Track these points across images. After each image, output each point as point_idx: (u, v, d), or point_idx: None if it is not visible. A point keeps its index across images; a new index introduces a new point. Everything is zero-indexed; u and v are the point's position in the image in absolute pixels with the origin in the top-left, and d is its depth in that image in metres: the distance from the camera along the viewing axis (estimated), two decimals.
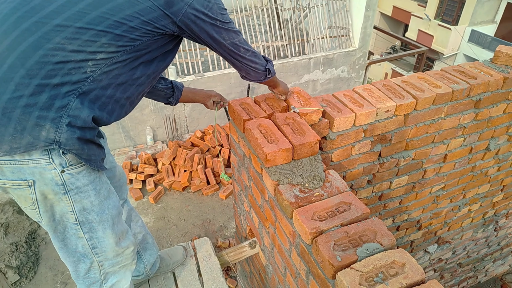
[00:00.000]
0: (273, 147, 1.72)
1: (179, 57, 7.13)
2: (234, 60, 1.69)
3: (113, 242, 1.67)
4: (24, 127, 1.26)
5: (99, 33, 1.31)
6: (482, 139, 2.78)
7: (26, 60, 1.25)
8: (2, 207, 6.33)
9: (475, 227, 3.78)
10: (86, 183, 1.48)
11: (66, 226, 1.55)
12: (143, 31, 1.39)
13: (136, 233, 2.13)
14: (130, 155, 7.26)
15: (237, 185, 2.54)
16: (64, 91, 1.30)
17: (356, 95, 2.25)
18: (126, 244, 1.76)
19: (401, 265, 1.34)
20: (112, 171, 1.92)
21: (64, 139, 1.32)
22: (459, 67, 2.54)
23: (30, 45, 1.25)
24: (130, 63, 1.44)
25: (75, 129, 1.33)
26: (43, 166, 1.35)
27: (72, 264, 1.67)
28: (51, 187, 1.41)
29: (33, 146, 1.29)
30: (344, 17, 8.27)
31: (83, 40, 1.29)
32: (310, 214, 1.54)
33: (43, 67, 1.26)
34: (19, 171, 1.35)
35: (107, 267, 1.74)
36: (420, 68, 10.07)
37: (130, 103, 1.57)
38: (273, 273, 2.24)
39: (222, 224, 6.30)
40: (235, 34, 1.62)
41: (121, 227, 1.71)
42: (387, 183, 2.65)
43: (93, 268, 1.70)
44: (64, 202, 1.47)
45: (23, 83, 1.24)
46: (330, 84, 8.59)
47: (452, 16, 19.80)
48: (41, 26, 1.26)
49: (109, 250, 1.68)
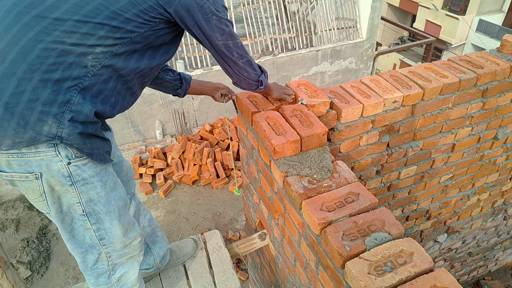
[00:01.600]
0: (281, 139, 1.74)
1: (187, 51, 7.15)
2: (225, 64, 1.65)
3: (120, 233, 1.69)
4: (27, 122, 1.29)
5: (96, 26, 1.32)
6: (490, 128, 2.77)
7: (27, 55, 1.26)
8: (13, 203, 6.42)
9: (484, 216, 3.78)
10: (92, 174, 1.50)
11: (74, 218, 1.57)
12: (140, 21, 1.39)
13: (145, 226, 2.15)
14: (140, 150, 7.32)
15: (246, 177, 2.57)
16: (66, 86, 1.31)
17: (364, 86, 2.26)
18: (133, 235, 1.78)
19: (410, 254, 1.35)
20: (119, 165, 1.93)
21: (66, 134, 1.34)
22: (466, 57, 2.53)
23: (30, 40, 1.26)
24: (130, 56, 1.45)
25: (77, 124, 1.35)
26: (50, 158, 1.37)
27: (80, 255, 1.70)
28: (58, 179, 1.43)
29: (35, 141, 1.32)
30: (352, 8, 8.22)
31: (81, 33, 1.30)
32: (318, 205, 1.56)
33: (44, 61, 1.27)
34: (26, 164, 1.37)
35: (115, 258, 1.76)
36: (428, 58, 10.00)
37: (132, 93, 1.58)
38: (283, 264, 2.27)
39: (232, 217, 6.35)
40: (231, 36, 1.57)
41: (128, 218, 1.74)
42: (395, 173, 2.66)
43: (101, 259, 1.73)
44: (71, 194, 1.49)
45: (26, 77, 1.26)
46: (338, 76, 8.57)
47: (459, 6, 19.58)
48: (40, 20, 1.28)
49: (116, 241, 1.70)
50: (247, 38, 7.37)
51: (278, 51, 7.59)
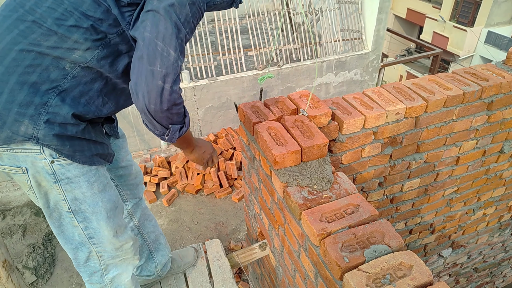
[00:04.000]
0: (282, 149, 1.74)
1: (193, 62, 7.18)
2: (135, 71, 1.33)
3: (108, 234, 1.67)
4: (5, 122, 1.31)
5: (70, 29, 1.31)
6: (496, 141, 2.75)
7: (4, 58, 1.29)
8: (20, 209, 6.46)
9: (490, 231, 3.73)
10: (78, 174, 1.48)
11: (61, 214, 1.57)
12: (110, 22, 1.35)
13: (149, 232, 2.15)
14: (145, 158, 7.33)
15: (247, 187, 2.56)
16: (43, 89, 1.32)
17: (366, 97, 2.25)
18: (124, 239, 1.76)
19: (409, 267, 1.33)
20: (128, 169, 1.94)
21: (42, 135, 1.34)
22: (471, 69, 2.52)
23: (8, 43, 1.29)
24: (117, 59, 1.42)
25: (54, 125, 1.35)
26: (34, 155, 1.38)
27: (71, 252, 1.69)
28: (43, 175, 1.44)
29: (11, 140, 1.33)
30: (357, 20, 8.24)
31: (58, 36, 1.30)
32: (318, 216, 1.55)
33: (20, 64, 1.29)
34: (14, 158, 1.39)
35: (107, 258, 1.74)
36: (434, 70, 9.97)
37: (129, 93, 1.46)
38: (283, 275, 2.25)
39: (234, 227, 6.31)
40: (164, 39, 1.30)
41: (118, 221, 1.71)
42: (398, 185, 2.63)
43: (92, 257, 1.71)
44: (56, 190, 1.49)
45: (3, 80, 1.29)
46: (343, 87, 8.56)
47: (467, 17, 19.58)
48: (19, 24, 1.30)
49: (106, 242, 1.68)
50: (252, 49, 7.40)
51: (283, 62, 7.60)
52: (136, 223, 2.09)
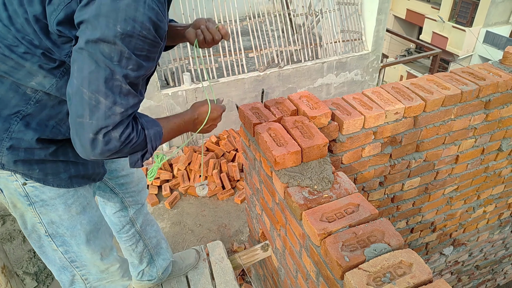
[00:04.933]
0: (282, 150, 1.76)
1: (194, 63, 7.21)
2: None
3: (91, 257, 1.60)
4: None
5: (24, 55, 1.20)
6: (494, 139, 2.77)
7: None
8: None
9: (491, 229, 3.75)
10: (53, 196, 1.41)
11: (40, 236, 1.50)
12: (68, 40, 1.19)
13: (151, 237, 2.14)
14: (146, 161, 7.36)
15: (249, 188, 2.58)
16: (4, 114, 1.24)
17: (365, 97, 2.27)
18: (110, 261, 1.69)
19: (409, 265, 1.35)
20: (130, 176, 1.91)
21: (6, 162, 1.28)
22: (468, 69, 2.54)
23: None
24: None
25: (18, 151, 1.28)
26: (6, 177, 1.33)
27: (56, 273, 1.63)
28: (17, 197, 1.38)
29: None
30: (357, 21, 8.27)
31: (14, 62, 1.21)
32: (318, 216, 1.57)
33: None
34: None
35: (93, 281, 1.68)
36: (434, 70, 10.00)
37: None
38: (285, 275, 2.27)
39: (237, 229, 6.33)
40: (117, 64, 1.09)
41: (101, 243, 1.63)
42: (399, 185, 2.65)
43: (76, 281, 1.65)
44: (31, 213, 1.42)
45: None
46: (344, 88, 8.58)
47: (466, 17, 19.60)
48: None
49: (90, 265, 1.62)
50: (253, 50, 7.43)
51: (283, 63, 7.63)
52: (138, 228, 2.07)
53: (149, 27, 1.10)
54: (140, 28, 1.08)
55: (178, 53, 7.11)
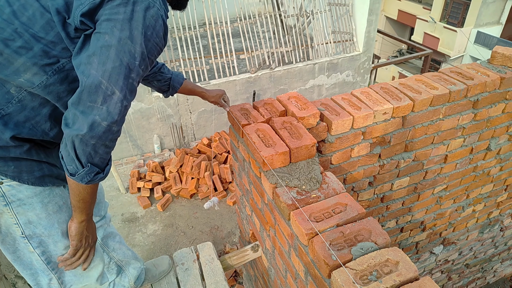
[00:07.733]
0: (270, 151, 1.76)
1: (185, 66, 7.20)
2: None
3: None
4: None
5: (18, 50, 1.22)
6: (483, 139, 2.79)
7: None
8: None
9: (480, 228, 3.78)
10: (30, 195, 1.41)
11: (15, 239, 1.48)
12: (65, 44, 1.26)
13: (115, 249, 2.04)
14: (138, 164, 7.33)
15: (239, 189, 2.58)
16: None
17: (354, 98, 2.29)
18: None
19: (395, 263, 1.36)
20: None
21: None
22: (456, 69, 2.56)
23: None
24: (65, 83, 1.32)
25: None
26: None
27: (31, 278, 1.60)
28: None
29: None
30: (348, 22, 8.30)
31: (3, 57, 1.22)
32: (306, 216, 1.57)
33: None
34: None
35: (69, 283, 1.66)
36: (425, 70, 10.06)
37: None
38: (275, 275, 2.27)
39: (230, 231, 6.33)
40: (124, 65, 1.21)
41: None
42: (388, 184, 2.67)
43: (53, 285, 1.63)
44: (7, 214, 1.40)
45: None
46: (335, 89, 8.61)
47: (457, 18, 19.73)
48: None
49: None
50: (244, 52, 7.44)
51: (275, 64, 7.64)
52: (100, 242, 1.95)
53: (162, 36, 1.31)
54: (156, 35, 1.28)
55: (169, 55, 7.10)
